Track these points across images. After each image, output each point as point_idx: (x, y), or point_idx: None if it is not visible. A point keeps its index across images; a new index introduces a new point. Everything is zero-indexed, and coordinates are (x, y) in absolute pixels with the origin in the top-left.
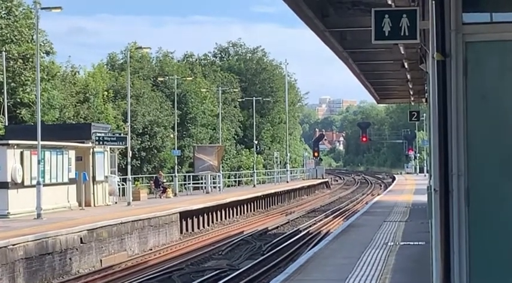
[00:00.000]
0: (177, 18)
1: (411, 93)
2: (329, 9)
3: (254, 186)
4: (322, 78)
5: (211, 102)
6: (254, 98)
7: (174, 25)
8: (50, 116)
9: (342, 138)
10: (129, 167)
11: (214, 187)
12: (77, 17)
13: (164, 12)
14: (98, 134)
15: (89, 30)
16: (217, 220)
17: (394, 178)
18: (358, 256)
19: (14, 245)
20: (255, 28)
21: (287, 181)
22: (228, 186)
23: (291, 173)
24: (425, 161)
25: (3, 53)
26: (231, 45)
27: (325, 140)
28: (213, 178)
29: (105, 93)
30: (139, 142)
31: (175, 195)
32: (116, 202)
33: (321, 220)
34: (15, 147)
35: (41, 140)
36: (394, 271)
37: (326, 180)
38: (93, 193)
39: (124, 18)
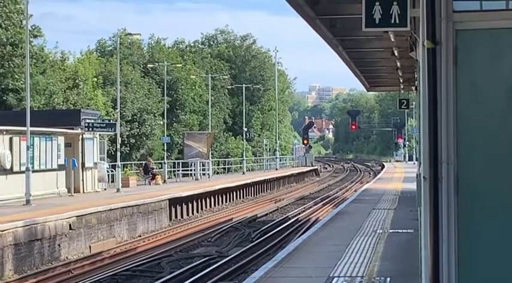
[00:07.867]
0: (163, 5)
1: (401, 81)
2: None
3: (243, 173)
4: (311, 66)
5: (201, 88)
6: (244, 85)
7: (160, 12)
8: (37, 102)
9: (331, 126)
10: (118, 154)
11: (204, 174)
12: (65, 3)
13: None
14: (88, 120)
15: (75, 16)
16: (206, 207)
17: (383, 166)
18: (347, 243)
19: (2, 231)
20: (242, 15)
21: (276, 169)
22: (217, 173)
23: (280, 161)
24: (414, 149)
25: None
26: (218, 32)
27: (315, 127)
28: (203, 165)
29: (95, 79)
30: (128, 129)
31: (164, 181)
32: (105, 189)
33: (310, 207)
34: (4, 133)
35: (30, 126)
36: (382, 258)
37: (315, 167)
38: (82, 180)
39: (109, 5)
